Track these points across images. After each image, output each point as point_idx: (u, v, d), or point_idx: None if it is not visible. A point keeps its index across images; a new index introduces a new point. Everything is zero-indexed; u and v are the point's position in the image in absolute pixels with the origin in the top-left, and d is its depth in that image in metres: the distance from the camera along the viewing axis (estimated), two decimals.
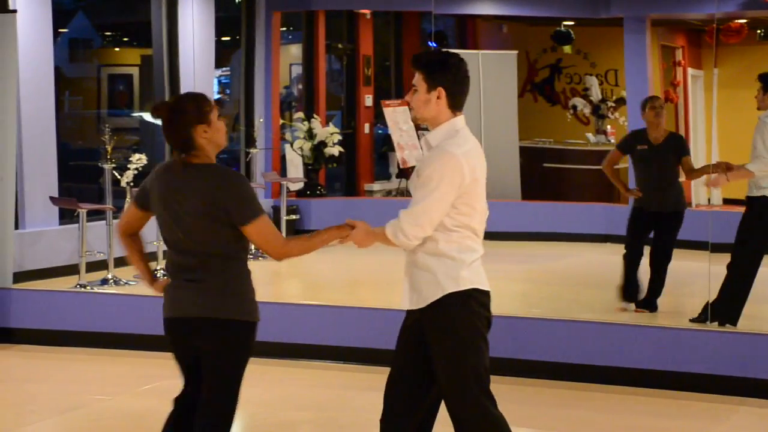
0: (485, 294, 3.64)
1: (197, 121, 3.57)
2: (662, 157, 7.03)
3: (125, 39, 13.26)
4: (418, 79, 3.59)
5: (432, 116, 3.58)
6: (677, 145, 7.15)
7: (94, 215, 8.72)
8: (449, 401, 3.60)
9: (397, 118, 12.58)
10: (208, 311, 3.61)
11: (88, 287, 7.96)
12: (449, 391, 3.58)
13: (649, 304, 7.14)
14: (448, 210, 3.52)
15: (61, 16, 10.55)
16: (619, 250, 7.45)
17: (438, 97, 3.56)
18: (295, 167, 11.68)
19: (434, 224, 3.50)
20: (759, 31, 13.18)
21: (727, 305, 6.45)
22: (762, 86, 6.68)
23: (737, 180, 6.39)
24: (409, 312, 3.64)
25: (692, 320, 6.64)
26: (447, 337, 3.55)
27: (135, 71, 12.33)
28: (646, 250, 7.21)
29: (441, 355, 3.55)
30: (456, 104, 3.59)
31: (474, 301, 3.58)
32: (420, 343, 3.60)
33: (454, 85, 3.58)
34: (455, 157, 3.49)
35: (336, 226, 3.66)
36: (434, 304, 3.54)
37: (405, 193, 12.78)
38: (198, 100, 3.63)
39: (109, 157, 8.36)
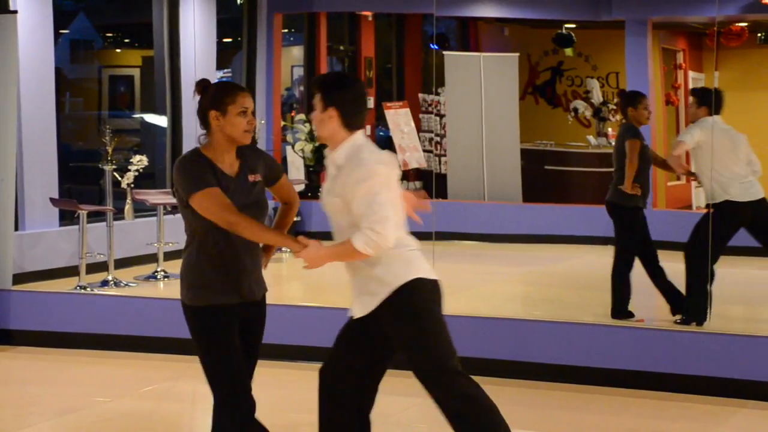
0: (431, 281, 3.73)
1: (211, 106, 3.76)
2: (651, 155, 7.05)
3: (126, 40, 13.26)
4: (316, 99, 3.72)
5: (328, 135, 3.71)
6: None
7: (95, 217, 8.71)
8: (428, 388, 3.69)
9: (399, 120, 12.58)
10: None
11: (88, 289, 7.95)
12: (424, 378, 3.68)
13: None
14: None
15: (62, 17, 10.55)
16: None
17: (331, 117, 3.67)
18: (297, 169, 11.67)
19: (393, 232, 3.60)
20: (760, 35, 13.17)
21: (693, 304, 6.54)
22: (695, 100, 6.75)
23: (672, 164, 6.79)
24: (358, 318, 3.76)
25: (677, 322, 6.66)
26: (406, 327, 3.66)
27: (136, 72, 12.32)
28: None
29: (405, 345, 3.68)
30: (351, 123, 3.69)
31: (422, 287, 3.68)
32: (366, 338, 3.74)
33: (349, 106, 3.67)
34: (371, 164, 3.62)
35: (293, 238, 3.73)
36: (386, 301, 3.65)
37: None
38: (223, 88, 3.81)
39: (109, 158, 8.35)
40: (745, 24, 12.11)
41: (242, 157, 3.83)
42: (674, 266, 6.99)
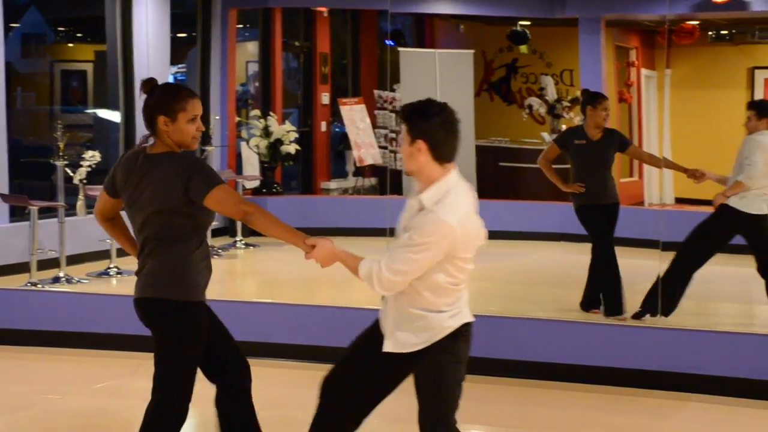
0: (469, 325, 3.66)
1: (159, 110, 3.70)
2: (602, 151, 7.07)
3: (79, 35, 13.11)
4: (403, 130, 3.52)
5: (416, 169, 3.51)
6: (617, 140, 7.15)
7: (46, 213, 8.62)
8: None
9: (354, 116, 12.58)
10: None
11: (39, 286, 7.87)
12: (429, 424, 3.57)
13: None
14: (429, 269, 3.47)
15: (12, 10, 10.40)
16: (574, 248, 7.51)
17: (419, 150, 3.46)
18: (252, 165, 11.63)
19: (408, 282, 3.47)
20: (711, 33, 13.35)
21: (668, 294, 6.61)
22: (756, 112, 6.77)
23: (733, 192, 6.57)
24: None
25: (633, 316, 6.75)
26: (431, 380, 3.55)
27: (89, 67, 12.19)
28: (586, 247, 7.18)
29: (425, 396, 3.56)
30: (442, 156, 3.47)
31: (461, 338, 3.60)
32: (386, 367, 3.62)
33: (437, 136, 3.45)
34: (449, 226, 3.43)
35: (303, 237, 3.60)
36: (429, 348, 3.55)
37: (361, 191, 12.79)
38: (173, 92, 3.74)
39: (61, 153, 8.27)
40: (697, 22, 12.27)
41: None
42: (625, 262, 7.06)
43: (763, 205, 6.61)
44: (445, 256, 3.45)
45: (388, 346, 3.57)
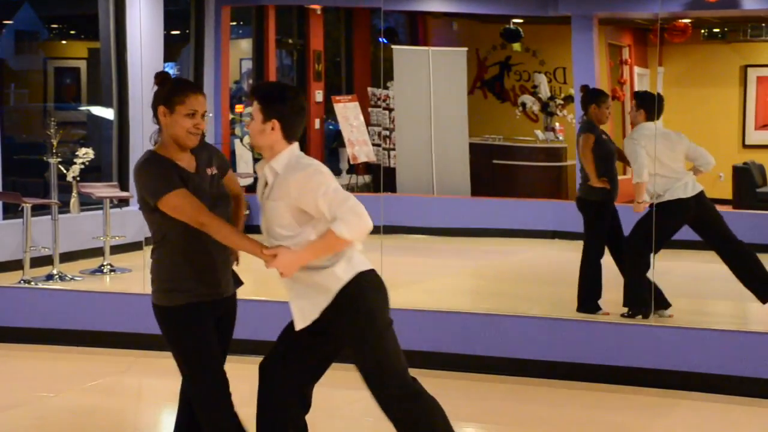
0: (370, 273, 3.71)
1: (161, 101, 3.73)
2: (613, 149, 7.09)
3: (72, 32, 13.08)
4: (254, 109, 3.70)
5: (267, 145, 3.70)
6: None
7: (39, 210, 8.60)
8: (373, 387, 3.66)
9: (348, 113, 12.58)
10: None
11: (32, 283, 7.85)
12: (370, 385, 3.65)
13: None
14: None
15: (6, 7, 10.40)
16: (567, 246, 7.50)
17: (272, 129, 3.66)
18: (245, 162, 11.62)
19: (366, 216, 3.60)
20: (703, 31, 13.39)
21: (636, 298, 6.67)
22: (636, 102, 6.85)
23: (642, 195, 6.76)
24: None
25: (623, 315, 6.76)
26: (355, 328, 3.63)
27: (82, 65, 12.17)
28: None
29: (355, 349, 3.65)
30: (291, 135, 3.70)
31: (365, 282, 3.66)
32: (310, 336, 3.70)
33: (290, 119, 3.67)
34: (315, 165, 3.66)
35: (260, 247, 3.65)
36: (328, 307, 3.62)
37: (355, 188, 12.78)
38: (177, 85, 3.75)
39: (54, 151, 8.25)
40: (689, 20, 12.30)
41: (195, 152, 3.81)
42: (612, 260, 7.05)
43: (680, 191, 6.68)
44: (313, 211, 3.60)
45: (297, 324, 3.69)
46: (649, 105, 6.90)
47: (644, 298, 6.64)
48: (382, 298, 3.70)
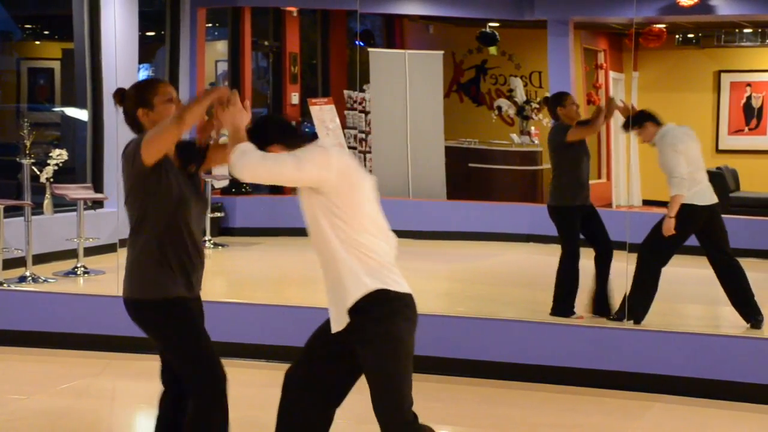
0: (407, 296, 3.62)
1: (138, 105, 3.75)
2: (585, 151, 7.09)
3: (46, 32, 13.00)
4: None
5: None
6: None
7: (12, 211, 8.54)
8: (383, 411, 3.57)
9: (324, 116, 12.56)
10: None
11: (5, 285, 7.79)
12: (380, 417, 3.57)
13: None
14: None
15: None
16: (542, 249, 7.52)
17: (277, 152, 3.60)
18: (220, 165, 11.57)
19: (256, 175, 3.55)
20: (677, 36, 13.48)
21: (636, 302, 6.63)
22: (637, 128, 6.84)
23: (675, 209, 6.49)
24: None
25: (611, 318, 6.78)
26: (380, 351, 3.54)
27: (56, 65, 12.09)
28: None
29: (375, 366, 3.55)
30: (295, 147, 3.62)
31: (397, 304, 3.57)
32: (338, 347, 3.62)
33: (288, 138, 3.63)
34: (322, 147, 3.60)
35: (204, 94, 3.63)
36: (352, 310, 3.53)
37: None
38: (142, 85, 3.81)
39: (28, 152, 8.20)
40: (664, 26, 12.38)
41: (177, 150, 3.80)
42: (591, 263, 7.08)
43: (698, 197, 6.61)
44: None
45: (334, 327, 3.59)
46: (649, 116, 6.80)
47: (644, 304, 6.63)
48: (411, 327, 3.60)
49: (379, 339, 3.51)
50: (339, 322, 3.56)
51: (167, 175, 3.66)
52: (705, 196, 6.62)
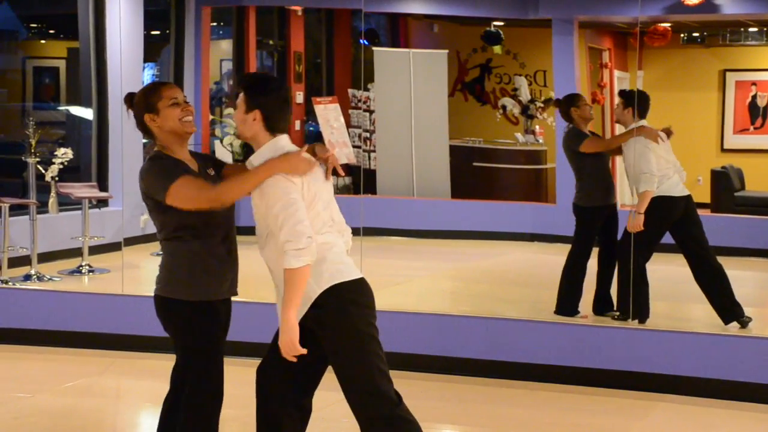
0: (353, 282, 3.66)
1: (144, 110, 3.74)
2: (603, 154, 7.06)
3: (51, 31, 13.02)
4: (239, 99, 3.67)
5: (251, 136, 3.66)
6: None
7: (17, 210, 8.56)
8: (352, 406, 3.61)
9: (328, 115, 12.56)
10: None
11: (10, 283, 7.81)
12: (349, 398, 3.62)
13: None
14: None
15: None
16: (547, 249, 7.51)
17: (254, 119, 3.62)
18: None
19: (311, 235, 3.51)
20: (683, 35, 13.46)
21: (630, 301, 6.65)
22: (622, 101, 6.80)
23: (643, 206, 6.54)
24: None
25: (615, 318, 6.78)
26: (338, 345, 3.60)
27: (61, 64, 12.11)
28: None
29: (333, 358, 3.61)
30: (274, 127, 3.65)
31: (346, 294, 3.62)
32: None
33: (273, 109, 3.63)
34: (275, 179, 3.55)
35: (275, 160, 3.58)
36: (311, 317, 3.59)
37: (335, 190, 12.77)
38: (147, 90, 3.78)
39: (33, 151, 8.21)
40: (669, 24, 12.36)
41: (195, 156, 3.84)
42: (596, 262, 7.08)
43: (672, 188, 6.67)
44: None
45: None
46: (638, 102, 6.79)
47: (640, 301, 6.63)
48: (365, 312, 3.63)
49: (335, 331, 3.58)
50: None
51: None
52: (679, 186, 6.70)
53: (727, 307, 6.65)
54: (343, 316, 3.58)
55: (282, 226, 3.50)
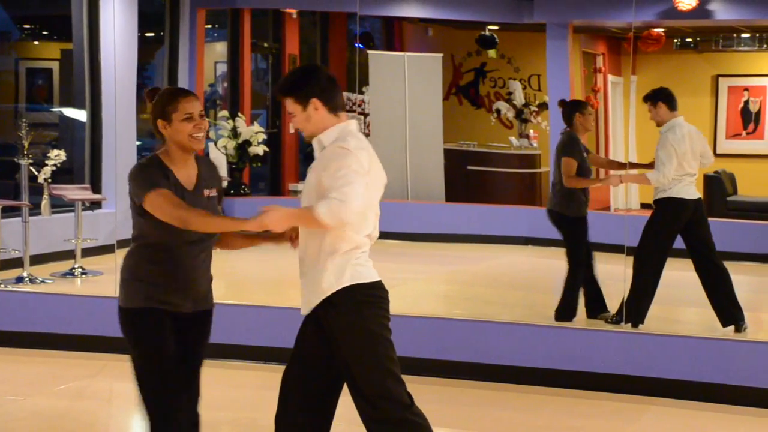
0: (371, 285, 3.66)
1: (158, 115, 3.71)
2: (590, 167, 7.06)
3: (45, 32, 13.00)
4: (289, 103, 3.61)
5: (317, 128, 3.61)
6: None
7: (10, 211, 8.53)
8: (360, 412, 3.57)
9: None
10: None
11: (2, 285, 7.78)
12: (359, 401, 3.57)
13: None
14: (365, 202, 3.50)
15: None
16: (541, 252, 7.52)
17: (315, 108, 3.58)
18: (220, 166, 11.59)
19: (358, 211, 3.46)
20: (676, 41, 13.49)
21: (634, 305, 6.62)
22: (651, 101, 6.84)
23: (632, 182, 6.63)
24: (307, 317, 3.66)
25: (609, 321, 6.78)
26: (351, 345, 3.56)
27: (55, 66, 12.09)
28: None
29: (349, 352, 3.56)
30: (335, 106, 3.61)
31: (360, 296, 3.60)
32: (321, 340, 3.62)
33: (324, 90, 3.59)
34: (350, 152, 3.51)
35: (245, 220, 3.53)
36: (326, 301, 3.56)
37: None
38: (166, 96, 3.73)
39: (26, 152, 8.19)
40: (662, 30, 12.40)
41: (200, 170, 3.78)
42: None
43: (684, 191, 6.70)
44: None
45: (303, 310, 3.64)
46: (665, 98, 6.81)
47: (643, 308, 6.63)
48: (379, 313, 3.61)
49: (347, 331, 3.55)
50: (307, 308, 3.63)
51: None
52: (691, 189, 6.73)
53: (728, 310, 6.67)
54: (356, 316, 3.55)
55: (341, 186, 3.39)
